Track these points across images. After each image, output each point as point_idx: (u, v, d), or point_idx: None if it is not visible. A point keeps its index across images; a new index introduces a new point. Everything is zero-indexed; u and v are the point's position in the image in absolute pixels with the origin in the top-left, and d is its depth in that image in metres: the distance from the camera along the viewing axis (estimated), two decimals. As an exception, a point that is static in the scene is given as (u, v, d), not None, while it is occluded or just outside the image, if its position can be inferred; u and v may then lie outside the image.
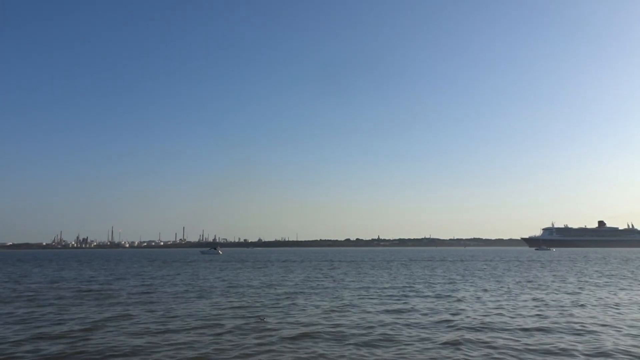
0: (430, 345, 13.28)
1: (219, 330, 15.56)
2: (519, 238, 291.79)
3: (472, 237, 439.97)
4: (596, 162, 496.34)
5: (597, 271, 46.79)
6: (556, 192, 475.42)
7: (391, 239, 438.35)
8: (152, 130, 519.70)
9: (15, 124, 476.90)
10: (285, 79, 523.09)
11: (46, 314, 19.38)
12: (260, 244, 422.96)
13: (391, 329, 15.47)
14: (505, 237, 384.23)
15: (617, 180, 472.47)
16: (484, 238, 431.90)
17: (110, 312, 19.50)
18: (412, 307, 20.51)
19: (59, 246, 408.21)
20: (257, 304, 21.82)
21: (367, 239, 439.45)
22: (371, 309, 19.94)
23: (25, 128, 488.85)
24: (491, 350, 12.66)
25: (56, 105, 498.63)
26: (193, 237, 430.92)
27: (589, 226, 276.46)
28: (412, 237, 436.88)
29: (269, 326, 16.19)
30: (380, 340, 13.96)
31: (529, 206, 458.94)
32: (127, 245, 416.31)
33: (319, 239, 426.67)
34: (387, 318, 17.66)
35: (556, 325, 16.20)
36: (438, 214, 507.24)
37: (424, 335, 14.54)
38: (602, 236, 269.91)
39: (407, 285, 31.27)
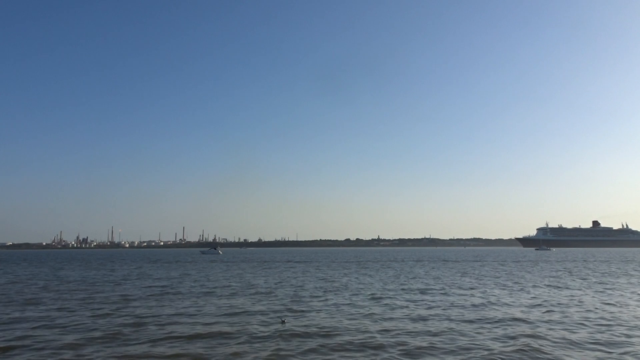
0: None
1: (238, 335, 15.56)
2: (519, 238, 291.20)
3: (472, 237, 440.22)
4: (592, 163, 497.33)
5: None
6: (553, 192, 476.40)
7: (391, 239, 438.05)
8: (152, 130, 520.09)
9: (15, 124, 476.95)
10: (285, 79, 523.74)
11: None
12: (260, 243, 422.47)
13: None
14: (506, 237, 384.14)
15: (612, 180, 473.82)
16: (484, 238, 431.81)
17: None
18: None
19: (59, 246, 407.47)
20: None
21: (367, 239, 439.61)
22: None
23: (25, 128, 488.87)
24: None
25: (56, 105, 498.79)
26: (193, 237, 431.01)
27: (583, 226, 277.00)
28: (412, 237, 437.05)
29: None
30: None
31: (529, 206, 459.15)
32: (127, 245, 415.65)
33: (319, 239, 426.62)
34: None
35: None
36: (438, 214, 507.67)
37: None
38: (597, 236, 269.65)
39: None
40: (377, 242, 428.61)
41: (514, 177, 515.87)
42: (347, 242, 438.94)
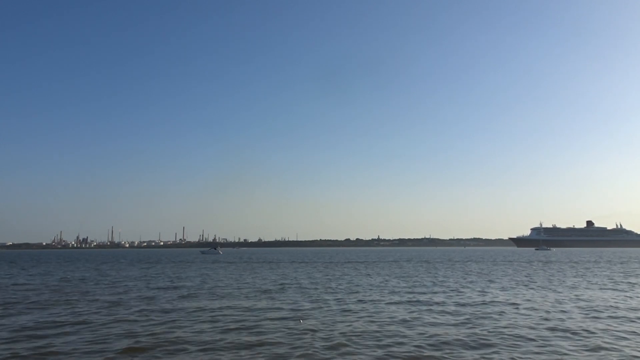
0: None
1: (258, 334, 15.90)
2: (513, 238, 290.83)
3: (472, 237, 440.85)
4: (590, 163, 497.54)
5: None
6: (550, 193, 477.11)
7: (391, 239, 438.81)
8: (152, 130, 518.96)
9: (15, 124, 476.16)
10: (285, 79, 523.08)
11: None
12: (260, 243, 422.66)
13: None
14: (505, 237, 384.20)
15: (607, 180, 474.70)
16: (483, 238, 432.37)
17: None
18: None
19: (59, 246, 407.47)
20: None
21: (367, 239, 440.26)
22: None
23: (25, 128, 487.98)
24: None
25: (56, 105, 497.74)
26: (193, 237, 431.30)
27: (577, 226, 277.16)
28: (412, 237, 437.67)
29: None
30: None
31: (528, 206, 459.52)
32: (127, 245, 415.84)
33: (319, 239, 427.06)
34: None
35: None
36: (438, 214, 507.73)
37: None
38: (591, 236, 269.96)
39: None
40: (377, 242, 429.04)
41: (514, 177, 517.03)
42: (347, 242, 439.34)
